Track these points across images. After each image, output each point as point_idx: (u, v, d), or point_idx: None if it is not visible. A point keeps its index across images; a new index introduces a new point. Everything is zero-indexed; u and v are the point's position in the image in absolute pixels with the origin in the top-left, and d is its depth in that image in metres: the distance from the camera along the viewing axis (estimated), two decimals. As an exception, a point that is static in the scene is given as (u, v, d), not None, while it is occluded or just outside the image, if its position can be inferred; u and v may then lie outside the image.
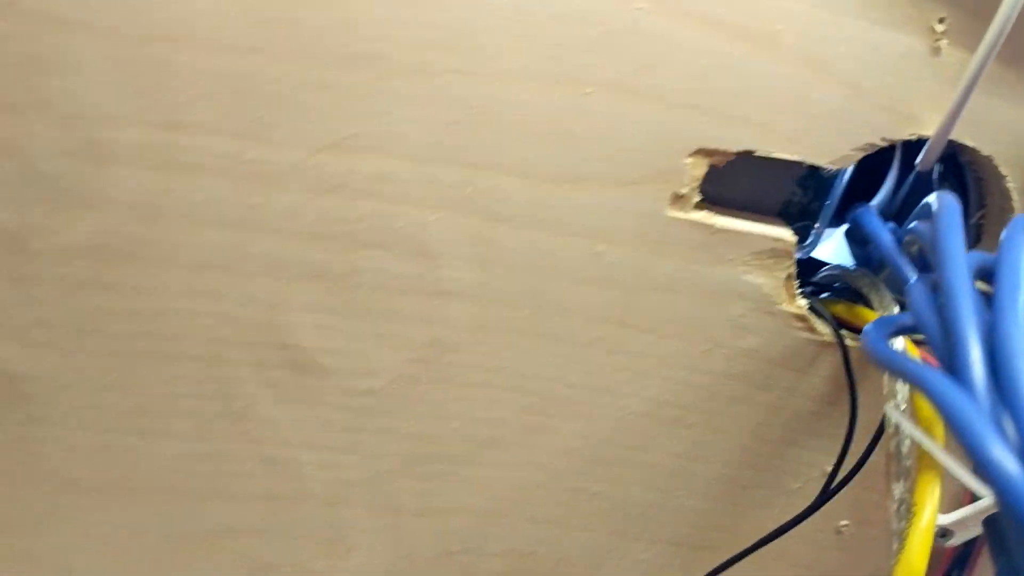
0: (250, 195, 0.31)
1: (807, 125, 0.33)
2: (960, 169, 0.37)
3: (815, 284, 0.38)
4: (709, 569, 0.37)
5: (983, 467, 0.21)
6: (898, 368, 0.25)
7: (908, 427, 0.27)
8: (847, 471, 0.35)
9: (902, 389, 0.33)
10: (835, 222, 0.40)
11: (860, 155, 0.34)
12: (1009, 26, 0.30)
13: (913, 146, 0.35)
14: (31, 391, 0.33)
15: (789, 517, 0.37)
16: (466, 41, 0.30)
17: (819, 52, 0.32)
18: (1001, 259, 0.24)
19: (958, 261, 0.24)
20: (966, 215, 0.39)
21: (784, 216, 0.37)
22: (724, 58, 0.31)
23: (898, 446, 0.32)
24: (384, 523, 0.37)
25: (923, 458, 0.32)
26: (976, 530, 0.33)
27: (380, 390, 0.35)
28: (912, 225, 0.30)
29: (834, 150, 0.33)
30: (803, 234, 0.39)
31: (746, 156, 0.33)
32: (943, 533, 0.33)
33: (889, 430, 0.33)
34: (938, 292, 0.25)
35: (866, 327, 0.29)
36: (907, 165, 0.37)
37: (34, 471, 0.34)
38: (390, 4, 0.29)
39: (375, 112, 0.30)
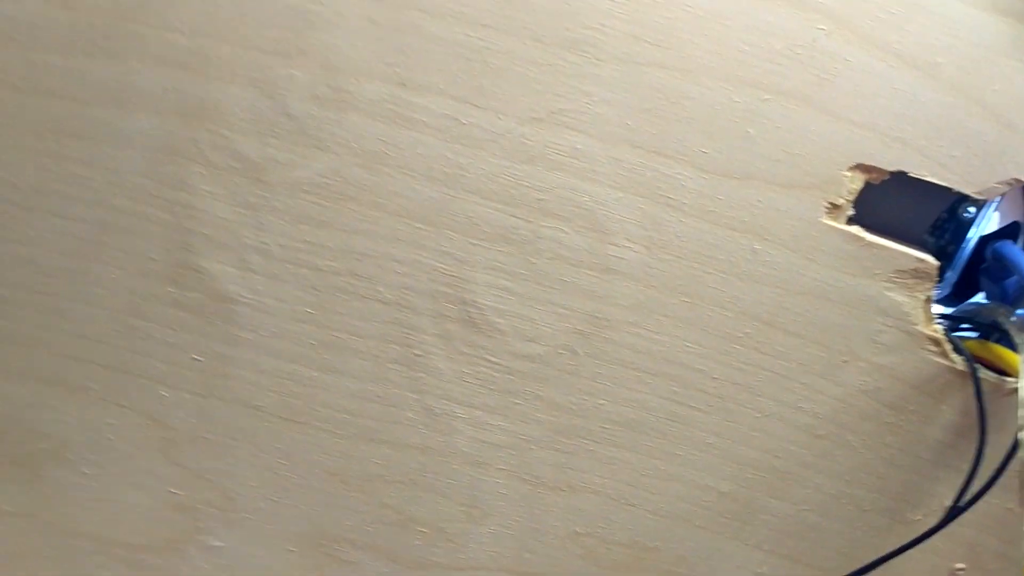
0: (460, 155, 0.35)
1: (959, 153, 0.36)
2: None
3: (950, 318, 0.41)
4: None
5: None
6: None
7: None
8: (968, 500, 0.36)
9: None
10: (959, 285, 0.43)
11: (1004, 189, 0.37)
12: None
13: None
14: (238, 313, 0.36)
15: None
16: (669, 38, 0.34)
17: (976, 86, 0.36)
18: None
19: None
20: None
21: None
22: (890, 81, 0.35)
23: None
24: (522, 492, 0.40)
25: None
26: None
27: (540, 357, 0.38)
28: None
29: (981, 180, 0.37)
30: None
31: (899, 176, 0.36)
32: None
33: (1022, 454, 0.35)
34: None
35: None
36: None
37: (223, 391, 0.37)
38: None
39: (581, 92, 0.35)
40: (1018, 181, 0.37)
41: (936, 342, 0.38)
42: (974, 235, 0.41)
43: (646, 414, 0.39)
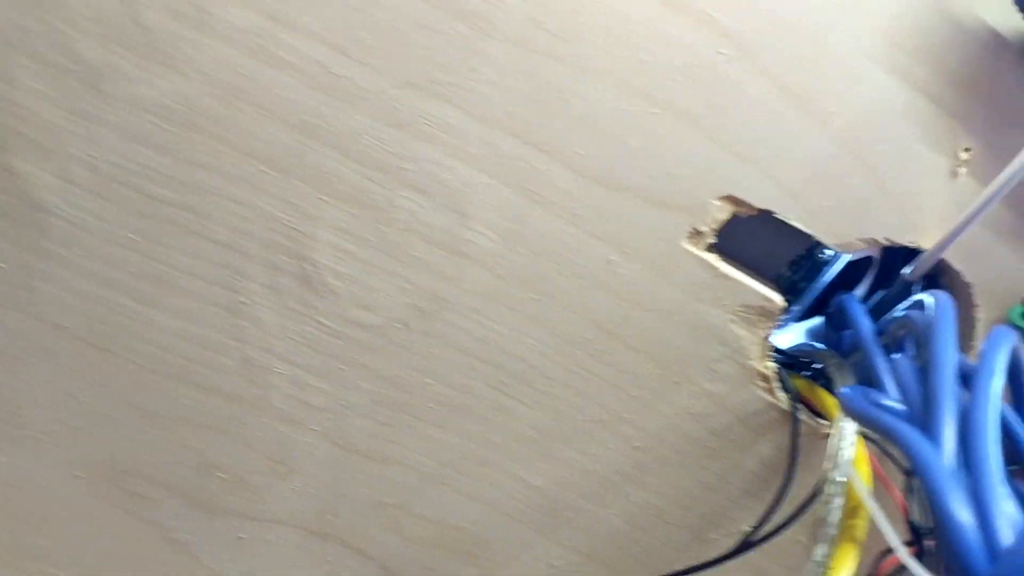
0: (324, 105, 0.32)
1: (829, 204, 0.36)
2: (936, 285, 0.41)
3: (785, 354, 0.41)
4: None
5: (938, 510, 0.23)
6: (877, 420, 0.27)
7: (857, 484, 0.30)
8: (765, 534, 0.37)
9: (844, 463, 0.36)
10: (806, 314, 0.43)
11: (863, 247, 0.37)
12: (1020, 177, 0.33)
13: (891, 253, 0.38)
14: (52, 224, 0.33)
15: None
16: (571, 30, 0.32)
17: (862, 143, 0.35)
18: (984, 355, 0.27)
19: (950, 344, 0.27)
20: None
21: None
22: (781, 121, 0.34)
23: (828, 512, 0.35)
24: (333, 455, 0.38)
25: (848, 529, 0.35)
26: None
27: (373, 326, 0.36)
28: (904, 313, 0.34)
29: (844, 234, 0.37)
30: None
31: (766, 215, 0.36)
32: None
33: (824, 496, 0.35)
34: (923, 369, 0.28)
35: (844, 389, 0.31)
36: (883, 270, 0.41)
37: (27, 303, 0.34)
38: (512, -25, 0.31)
39: (467, 67, 0.32)
40: (876, 241, 0.37)
41: (766, 379, 0.39)
42: (826, 276, 0.42)
43: (471, 399, 0.38)
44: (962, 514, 0.23)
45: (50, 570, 0.39)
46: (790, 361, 0.42)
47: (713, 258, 0.37)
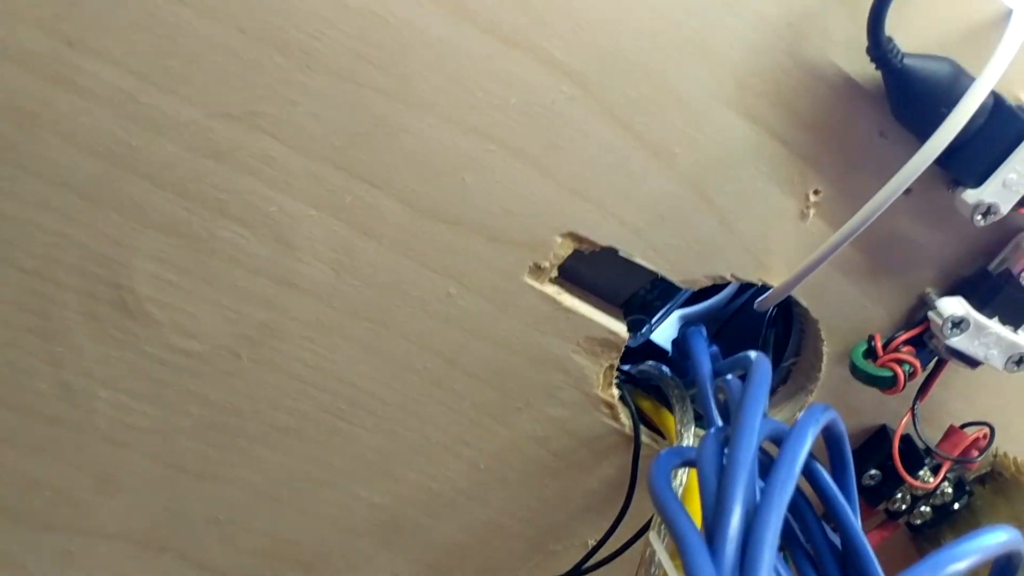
0: (133, 135, 0.30)
1: (676, 243, 0.35)
2: (790, 312, 0.41)
3: (632, 375, 0.41)
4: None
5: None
6: (664, 510, 0.27)
7: (665, 560, 0.30)
8: (603, 557, 0.37)
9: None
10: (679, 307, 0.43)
11: (709, 282, 0.36)
12: (869, 221, 0.33)
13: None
14: None
15: (541, 573, 0.39)
16: (398, 64, 0.30)
17: (708, 183, 0.34)
18: (782, 452, 0.27)
19: (751, 439, 0.27)
20: (780, 357, 0.42)
21: (628, 304, 0.40)
22: (624, 160, 0.33)
23: (647, 573, 0.35)
24: (162, 475, 0.37)
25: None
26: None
27: (198, 354, 0.35)
28: (725, 378, 0.33)
29: (689, 271, 0.36)
30: (638, 325, 0.41)
31: (610, 251, 0.35)
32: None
33: (644, 557, 0.36)
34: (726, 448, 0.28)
35: (660, 453, 0.31)
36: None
37: None
38: (337, 8, 0.29)
39: (286, 99, 0.30)
40: (722, 278, 0.36)
41: (610, 406, 0.38)
42: (679, 299, 0.41)
43: (306, 424, 0.37)
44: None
45: None
46: (638, 380, 0.41)
47: (555, 291, 0.36)
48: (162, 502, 0.38)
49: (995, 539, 0.26)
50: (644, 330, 0.41)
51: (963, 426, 0.41)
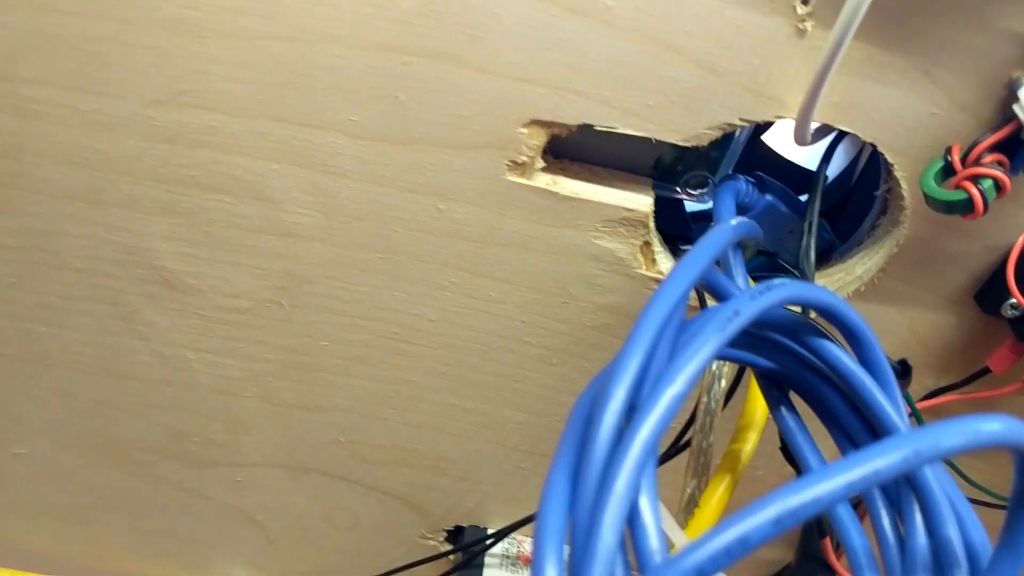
0: (95, 140, 0.33)
1: (655, 102, 0.31)
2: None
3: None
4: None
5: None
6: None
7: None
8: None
9: (717, 385, 0.33)
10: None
11: (717, 133, 0.31)
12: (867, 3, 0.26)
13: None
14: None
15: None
16: (274, 9, 0.29)
17: (662, 29, 0.29)
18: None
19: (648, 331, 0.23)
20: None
21: (667, 167, 0.36)
22: (554, 32, 0.29)
23: (700, 444, 0.33)
24: (273, 412, 0.41)
25: (724, 462, 0.32)
26: None
27: (249, 310, 0.37)
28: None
29: (686, 128, 0.31)
30: (702, 183, 0.37)
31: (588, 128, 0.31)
32: None
33: (695, 426, 0.33)
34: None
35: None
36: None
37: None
38: (193, -29, 0.29)
39: (196, 71, 0.31)
40: (731, 125, 0.31)
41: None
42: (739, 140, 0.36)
43: (371, 351, 0.39)
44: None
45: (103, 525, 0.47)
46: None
47: (548, 181, 0.33)
48: (285, 433, 0.42)
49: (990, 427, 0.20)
50: (708, 189, 0.37)
51: None
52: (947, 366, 0.37)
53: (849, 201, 0.39)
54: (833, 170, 0.38)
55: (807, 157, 0.38)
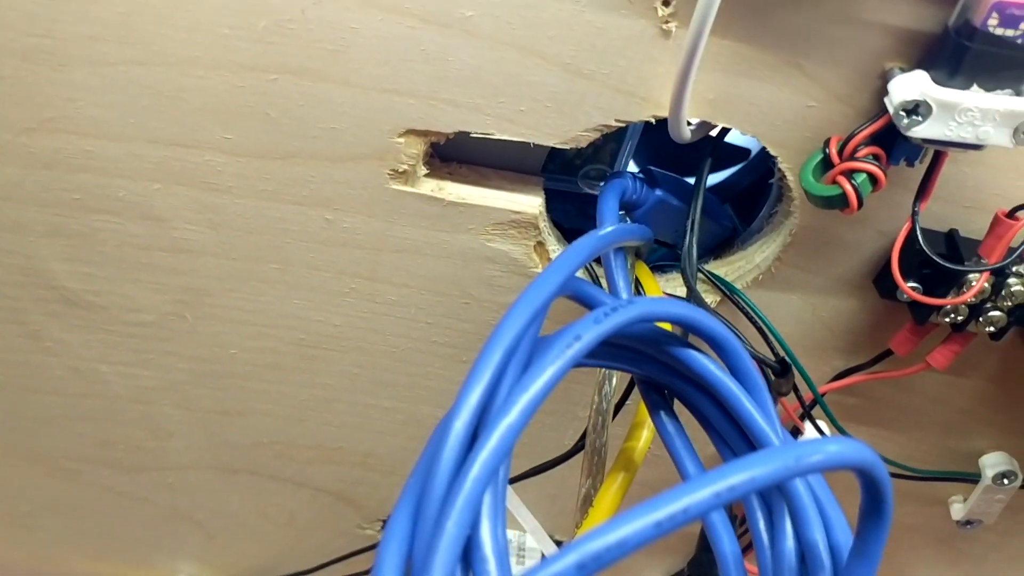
0: (-29, 169, 0.32)
1: (527, 107, 0.30)
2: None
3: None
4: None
5: None
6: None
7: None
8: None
9: (608, 385, 0.33)
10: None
11: (595, 135, 0.31)
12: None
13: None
14: None
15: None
16: (130, 34, 0.29)
17: (523, 36, 0.29)
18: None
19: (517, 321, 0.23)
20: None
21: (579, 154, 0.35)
22: (416, 43, 0.29)
23: (594, 443, 0.33)
24: (194, 418, 0.42)
25: (619, 460, 0.32)
26: None
27: (154, 323, 0.37)
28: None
29: (562, 131, 0.31)
30: (600, 176, 0.37)
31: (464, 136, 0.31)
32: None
33: (588, 426, 0.33)
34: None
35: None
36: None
37: None
38: (48, 2, 0.28)
39: (63, 99, 0.30)
40: (607, 127, 0.31)
41: (561, 279, 0.35)
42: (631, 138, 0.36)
43: (282, 357, 0.39)
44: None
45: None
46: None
47: (433, 188, 0.33)
48: (208, 438, 0.42)
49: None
50: (606, 179, 0.36)
51: (1012, 212, 0.31)
52: (854, 348, 0.37)
53: (760, 185, 0.38)
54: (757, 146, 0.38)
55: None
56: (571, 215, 0.38)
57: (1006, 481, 0.41)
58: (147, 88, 0.30)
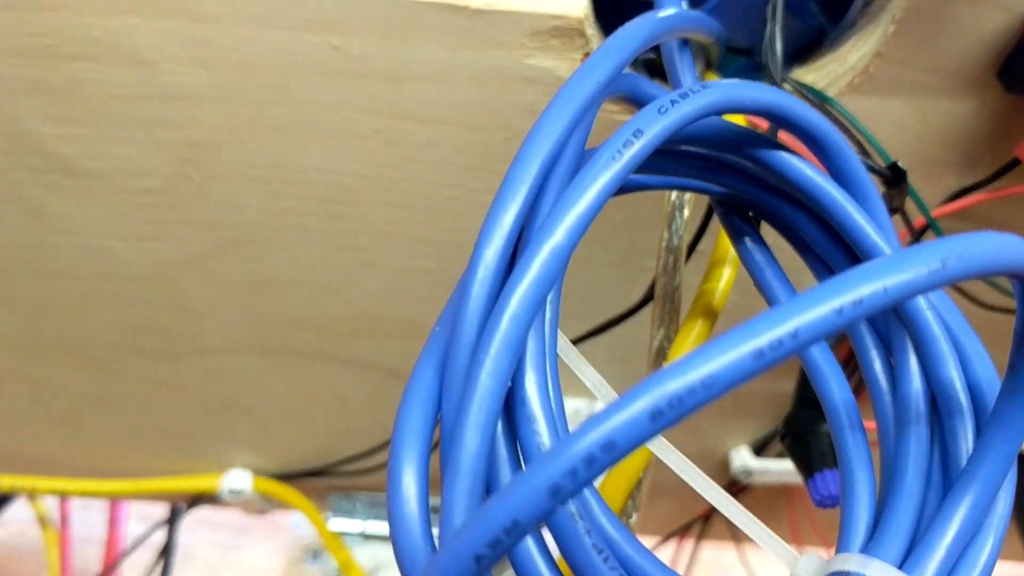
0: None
1: None
2: None
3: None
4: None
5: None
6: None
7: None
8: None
9: (679, 217, 0.28)
10: None
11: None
12: None
13: None
14: None
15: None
16: None
17: None
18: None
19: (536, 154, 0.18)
20: None
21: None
22: None
23: (665, 287, 0.28)
24: (221, 293, 0.38)
25: (696, 304, 0.27)
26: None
27: (160, 189, 0.33)
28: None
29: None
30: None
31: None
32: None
33: (658, 268, 0.28)
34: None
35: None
36: None
37: None
38: None
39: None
40: None
41: (617, 100, 0.30)
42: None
43: (305, 219, 0.34)
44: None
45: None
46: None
47: (455, -3, 0.27)
48: (240, 315, 0.39)
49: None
50: None
51: None
52: (971, 161, 0.31)
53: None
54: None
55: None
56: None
57: None
58: None
